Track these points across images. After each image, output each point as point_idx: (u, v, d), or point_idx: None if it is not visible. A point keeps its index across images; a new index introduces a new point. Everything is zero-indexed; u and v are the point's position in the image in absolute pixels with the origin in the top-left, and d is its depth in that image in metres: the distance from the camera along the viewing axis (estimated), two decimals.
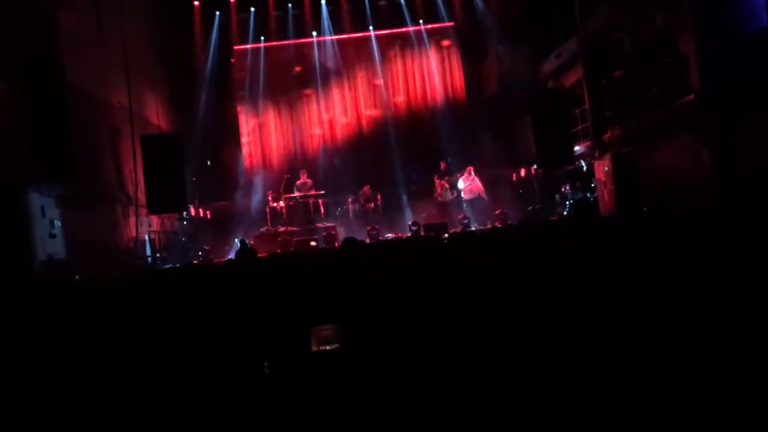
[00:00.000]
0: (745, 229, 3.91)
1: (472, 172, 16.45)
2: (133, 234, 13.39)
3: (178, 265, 12.93)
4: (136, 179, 13.69)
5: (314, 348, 2.99)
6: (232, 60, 19.79)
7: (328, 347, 2.99)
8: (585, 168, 15.68)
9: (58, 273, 9.76)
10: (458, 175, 16.89)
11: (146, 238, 14.37)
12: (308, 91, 20.28)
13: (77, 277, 9.72)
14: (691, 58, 11.50)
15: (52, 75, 10.54)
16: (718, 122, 10.93)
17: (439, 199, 16.93)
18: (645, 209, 11.92)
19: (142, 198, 13.88)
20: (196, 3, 18.92)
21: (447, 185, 16.94)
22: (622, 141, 14.24)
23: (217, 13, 19.15)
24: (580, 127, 16.37)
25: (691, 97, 11.54)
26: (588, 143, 15.85)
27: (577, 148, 15.97)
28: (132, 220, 13.46)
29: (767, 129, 10.06)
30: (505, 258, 4.02)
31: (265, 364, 2.87)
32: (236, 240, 16.17)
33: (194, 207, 16.41)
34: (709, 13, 11.17)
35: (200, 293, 5.08)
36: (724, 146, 10.81)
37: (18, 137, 9.79)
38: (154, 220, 15.00)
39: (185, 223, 16.07)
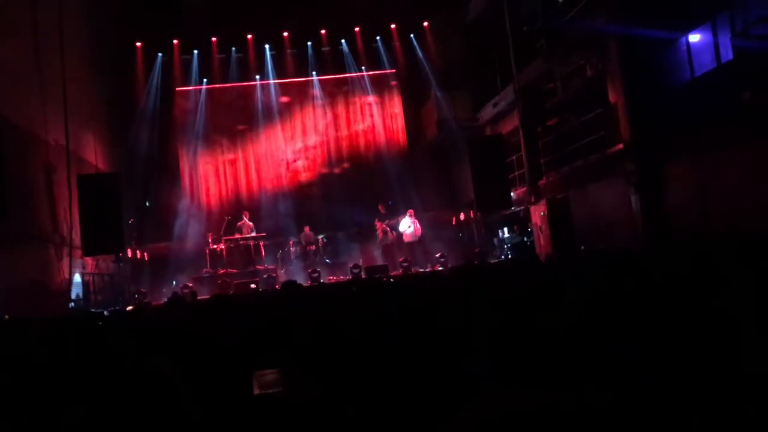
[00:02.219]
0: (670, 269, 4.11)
1: (413, 215, 16.66)
2: (66, 276, 13.02)
3: (111, 310, 12.60)
4: (71, 219, 13.35)
5: (256, 392, 2.97)
6: (173, 101, 19.68)
7: (270, 391, 2.98)
8: (522, 213, 16.10)
9: None
10: (399, 218, 17.07)
11: (80, 279, 13.96)
12: (250, 134, 20.32)
13: (6, 316, 9.35)
14: (620, 107, 12.06)
15: None
16: (645, 170, 11.43)
17: (380, 242, 17.05)
18: (582, 248, 12.31)
19: (76, 239, 13.52)
20: (139, 44, 18.84)
21: (388, 228, 17.09)
22: (557, 186, 14.73)
23: (160, 54, 19.13)
24: (516, 173, 16.87)
25: (621, 145, 12.07)
26: (524, 189, 16.31)
27: (514, 193, 16.39)
28: (65, 261, 13.10)
29: (691, 176, 10.60)
30: (447, 298, 4.11)
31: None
32: (173, 282, 15.90)
33: (131, 248, 16.06)
34: (637, 65, 11.77)
35: (133, 336, 4.98)
36: (651, 192, 11.32)
37: None
38: (89, 261, 14.60)
39: (121, 264, 15.69)
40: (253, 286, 14.38)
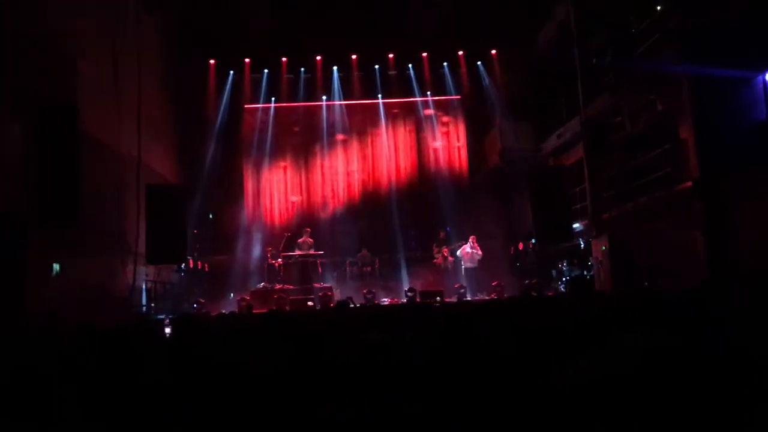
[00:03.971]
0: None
1: (475, 241, 16.55)
2: (131, 282, 13.43)
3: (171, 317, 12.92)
4: (138, 228, 13.80)
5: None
6: (241, 118, 20.20)
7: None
8: (582, 246, 15.82)
9: (51, 318, 9.72)
10: (459, 243, 17.01)
11: (143, 287, 14.38)
12: (314, 153, 20.66)
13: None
14: (690, 145, 11.77)
15: (66, 121, 10.76)
16: (713, 210, 11.11)
17: (438, 266, 17.00)
18: (645, 284, 12.03)
19: (142, 247, 13.95)
20: (212, 61, 19.46)
21: (446, 253, 17.04)
22: (620, 221, 14.44)
23: (231, 72, 19.72)
24: (578, 205, 16.60)
25: (689, 184, 11.77)
26: (586, 222, 16.04)
27: (575, 225, 16.14)
28: (130, 268, 13.52)
29: (761, 220, 10.24)
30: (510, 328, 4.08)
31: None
32: (231, 294, 16.21)
33: (193, 259, 16.47)
34: (709, 103, 11.46)
35: (193, 343, 5.10)
36: (718, 233, 10.97)
37: (25, 178, 9.93)
38: (152, 269, 15.04)
39: (182, 274, 16.09)
40: (309, 303, 14.53)
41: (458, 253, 16.70)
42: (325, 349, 3.98)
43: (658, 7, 12.98)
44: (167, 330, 8.67)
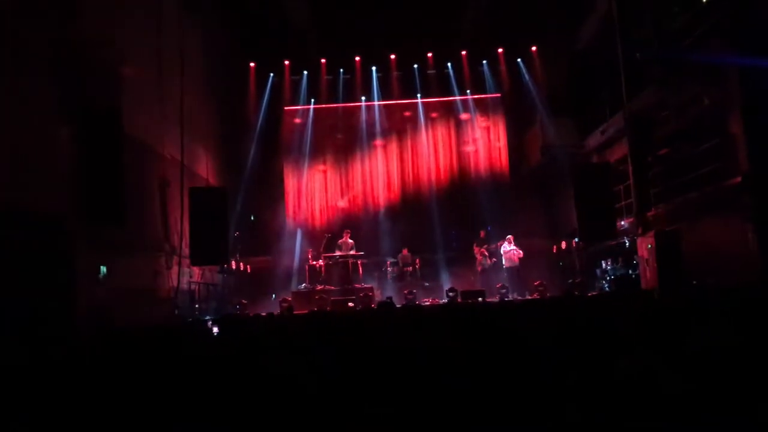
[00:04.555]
0: None
1: (513, 241, 16.40)
2: (175, 284, 13.62)
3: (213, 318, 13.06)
4: (181, 230, 13.99)
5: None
6: (281, 119, 20.36)
7: None
8: (627, 244, 15.50)
9: (100, 319, 9.91)
10: (499, 243, 16.85)
11: (187, 288, 14.57)
12: (354, 153, 20.70)
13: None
14: (739, 139, 11.42)
15: (111, 124, 10.96)
16: (765, 206, 10.76)
17: (479, 267, 16.85)
18: (694, 283, 11.72)
19: (186, 249, 14.14)
20: (252, 64, 19.64)
21: (486, 253, 16.89)
22: (667, 219, 14.10)
23: (272, 74, 19.89)
24: (623, 203, 16.27)
25: (739, 178, 11.42)
26: (631, 219, 15.71)
27: (620, 223, 15.83)
28: (174, 269, 13.72)
29: None
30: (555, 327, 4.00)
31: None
32: (273, 295, 16.33)
33: (235, 260, 16.63)
34: (759, 96, 11.12)
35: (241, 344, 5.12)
36: None
37: (73, 181, 10.14)
38: (196, 270, 15.23)
39: (225, 275, 16.26)
40: (350, 304, 14.54)
41: (501, 252, 16.53)
42: (367, 351, 3.94)
43: None
44: (214, 330, 8.78)
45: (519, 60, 19.97)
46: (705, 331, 2.56)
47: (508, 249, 16.32)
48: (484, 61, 20.31)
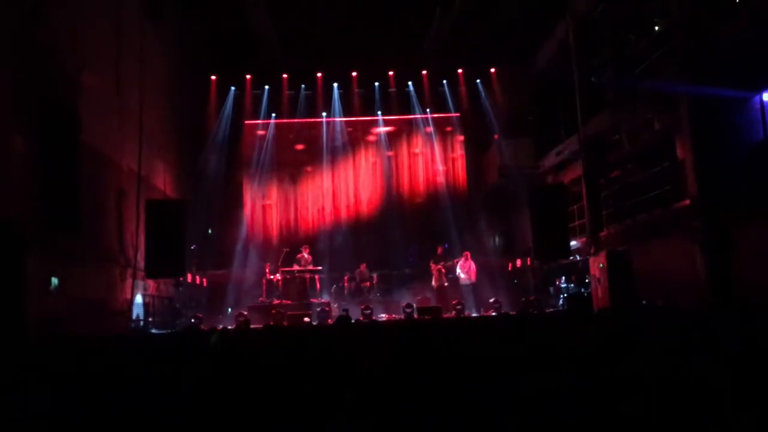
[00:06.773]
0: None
1: (469, 257, 16.59)
2: (128, 296, 13.41)
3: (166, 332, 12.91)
4: (137, 242, 13.80)
5: None
6: (241, 133, 20.29)
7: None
8: (580, 263, 15.83)
9: (52, 327, 9.70)
10: (455, 260, 17.01)
11: (141, 300, 14.35)
12: (313, 168, 20.75)
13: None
14: (688, 163, 11.81)
15: (68, 131, 10.81)
16: (712, 229, 11.12)
17: (435, 283, 16.98)
18: (644, 302, 12.01)
19: (141, 261, 13.95)
20: (213, 77, 19.57)
21: (443, 270, 17.03)
22: (618, 239, 14.47)
23: (233, 88, 19.83)
24: (577, 222, 16.64)
25: (687, 201, 11.81)
26: (584, 239, 16.06)
27: (573, 242, 16.15)
28: (129, 281, 13.52)
29: (760, 238, 10.24)
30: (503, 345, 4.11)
31: None
32: (229, 309, 16.16)
33: (191, 273, 16.42)
34: (708, 122, 11.50)
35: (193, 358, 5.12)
36: (718, 253, 10.97)
37: (27, 187, 9.94)
38: (150, 283, 15.01)
39: (181, 289, 16.03)
40: (306, 319, 14.50)
41: (457, 269, 16.69)
42: (326, 365, 3.99)
43: (656, 27, 13.10)
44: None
45: (478, 81, 20.31)
46: (637, 358, 2.69)
47: (464, 266, 16.49)
48: (444, 81, 20.60)
